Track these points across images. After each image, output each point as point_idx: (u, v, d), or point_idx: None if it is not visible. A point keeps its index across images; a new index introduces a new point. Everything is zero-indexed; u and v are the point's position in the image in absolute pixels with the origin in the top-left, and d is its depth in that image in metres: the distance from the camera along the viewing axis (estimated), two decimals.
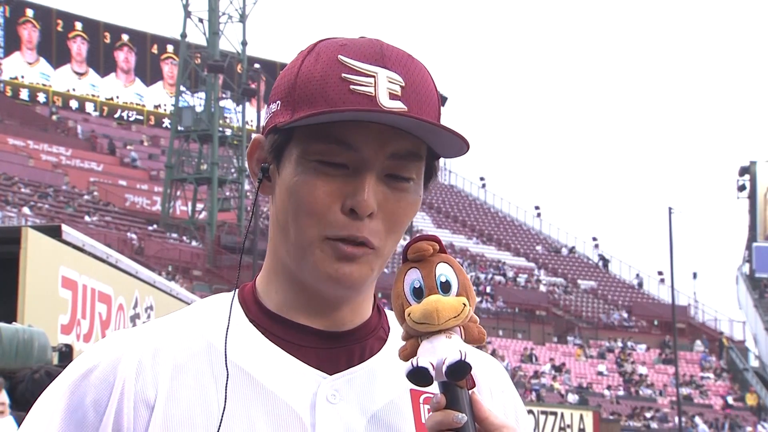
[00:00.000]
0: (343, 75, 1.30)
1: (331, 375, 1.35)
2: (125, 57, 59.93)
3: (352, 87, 1.30)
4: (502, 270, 48.84)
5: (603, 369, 40.82)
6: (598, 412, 30.22)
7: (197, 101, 45.16)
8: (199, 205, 44.98)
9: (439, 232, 51.86)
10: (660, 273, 50.82)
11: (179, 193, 45.07)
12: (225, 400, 1.31)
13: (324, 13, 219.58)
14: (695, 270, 73.06)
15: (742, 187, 51.81)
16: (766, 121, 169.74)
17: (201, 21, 44.57)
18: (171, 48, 58.48)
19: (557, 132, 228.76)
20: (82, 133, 53.57)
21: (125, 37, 60.05)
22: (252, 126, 47.66)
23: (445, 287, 1.27)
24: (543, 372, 38.68)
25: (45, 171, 43.90)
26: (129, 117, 59.75)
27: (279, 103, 1.36)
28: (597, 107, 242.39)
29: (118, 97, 59.61)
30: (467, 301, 1.27)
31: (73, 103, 57.78)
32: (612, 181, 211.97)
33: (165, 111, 58.45)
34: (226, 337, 1.35)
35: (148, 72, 60.26)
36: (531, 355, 40.29)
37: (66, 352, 7.76)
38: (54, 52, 57.04)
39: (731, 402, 39.09)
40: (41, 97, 56.68)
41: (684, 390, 37.38)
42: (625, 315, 47.51)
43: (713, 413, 37.65)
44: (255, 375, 1.34)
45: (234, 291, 1.42)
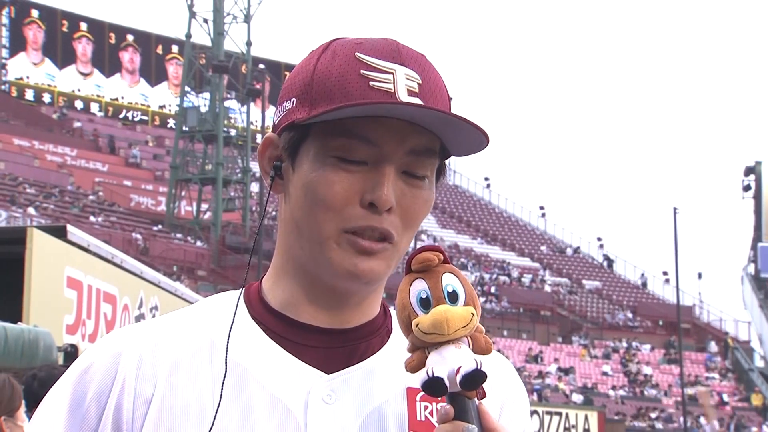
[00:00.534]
0: (362, 72, 1.31)
1: (329, 374, 1.35)
2: (130, 57, 60.00)
3: (371, 83, 1.30)
4: (506, 270, 48.83)
5: (608, 369, 40.81)
6: (602, 412, 30.17)
7: (202, 101, 45.18)
8: (204, 206, 45.02)
9: (444, 232, 51.88)
10: (665, 273, 50.81)
11: (184, 194, 45.09)
12: (221, 395, 1.31)
13: (329, 14, 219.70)
14: (700, 270, 72.69)
15: (747, 187, 51.73)
16: None
17: (206, 21, 44.62)
18: (176, 48, 58.52)
19: (562, 132, 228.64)
20: (84, 133, 53.64)
21: (130, 38, 60.13)
22: (256, 126, 47.63)
23: (453, 297, 1.26)
24: (548, 372, 38.67)
25: (50, 171, 43.97)
26: (134, 117, 59.82)
27: (294, 101, 1.35)
28: (602, 107, 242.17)
29: (123, 98, 59.68)
30: (474, 311, 1.26)
31: (78, 104, 57.86)
32: (617, 181, 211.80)
33: (170, 111, 58.50)
34: (229, 334, 1.35)
35: (152, 72, 60.32)
36: (536, 356, 40.29)
37: (71, 352, 7.77)
38: (59, 52, 57.13)
39: (728, 401, 39.06)
40: (46, 98, 56.76)
41: (690, 390, 37.37)
42: (630, 315, 47.48)
43: (719, 413, 37.60)
44: (254, 373, 1.34)
45: (241, 289, 1.42)
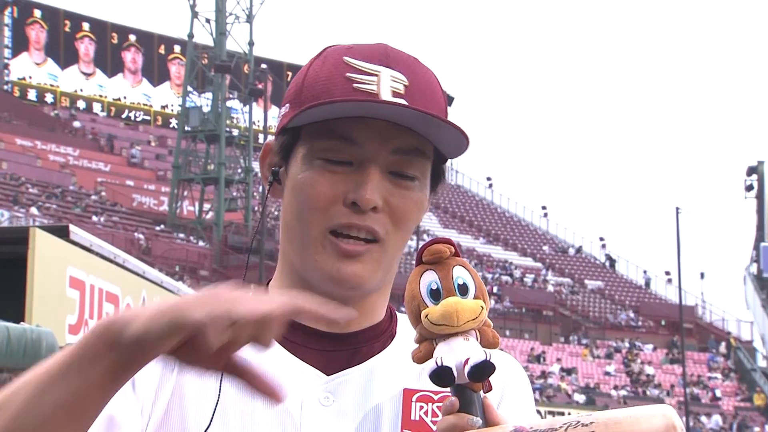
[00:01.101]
0: (348, 74, 1.32)
1: (329, 375, 1.35)
2: (132, 57, 60.02)
3: (355, 85, 1.31)
4: (509, 270, 48.83)
5: (610, 369, 40.79)
6: None
7: (204, 101, 45.20)
8: (206, 205, 45.04)
9: (446, 232, 51.86)
10: (667, 273, 50.76)
11: (186, 194, 45.12)
12: (219, 393, 1.31)
13: (331, 14, 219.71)
14: (703, 270, 72.81)
15: (749, 187, 51.69)
16: None
17: (208, 21, 44.63)
18: (178, 48, 58.52)
19: (564, 132, 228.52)
20: (87, 133, 53.67)
21: (132, 38, 60.15)
22: (259, 126, 47.65)
23: (463, 290, 1.25)
24: (550, 372, 38.66)
25: (53, 171, 44.01)
26: (136, 117, 59.84)
27: (288, 106, 1.38)
28: (604, 107, 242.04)
29: (125, 98, 59.70)
30: (484, 305, 1.26)
31: (81, 104, 57.90)
32: (619, 181, 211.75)
33: (172, 111, 58.51)
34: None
35: (155, 72, 60.34)
36: (538, 356, 40.28)
37: None
38: (61, 52, 57.16)
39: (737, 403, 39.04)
40: (49, 98, 56.80)
41: (694, 390, 37.35)
42: (632, 315, 47.46)
43: (722, 414, 37.58)
44: None
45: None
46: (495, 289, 45.42)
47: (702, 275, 53.87)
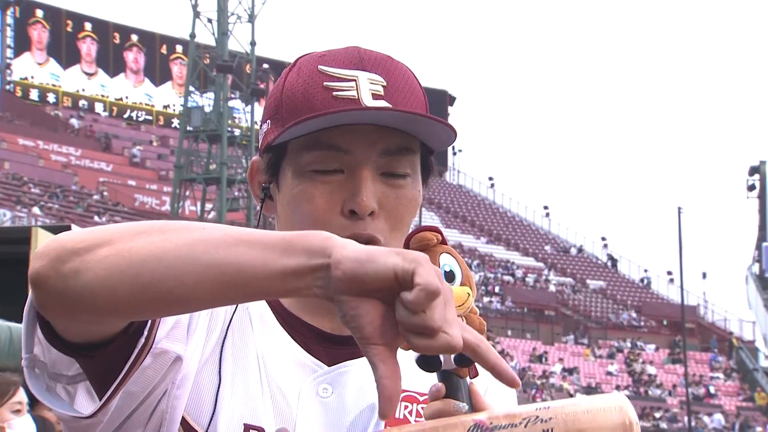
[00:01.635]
0: (325, 83, 1.33)
1: (330, 366, 1.37)
2: (134, 57, 60.06)
3: (335, 93, 1.32)
4: (510, 270, 48.82)
5: (612, 369, 40.76)
6: None
7: (206, 101, 45.20)
8: (208, 205, 45.05)
9: (448, 231, 51.86)
10: (669, 273, 50.77)
11: (188, 193, 45.14)
12: (219, 378, 1.33)
13: (333, 13, 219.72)
14: (704, 270, 72.68)
15: (751, 187, 51.66)
16: None
17: (210, 21, 44.61)
18: (180, 48, 58.56)
19: (566, 132, 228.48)
20: (89, 133, 53.70)
21: (134, 38, 60.19)
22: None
23: (449, 277, 1.26)
24: (552, 372, 38.65)
25: (55, 171, 44.05)
26: (138, 117, 59.89)
27: (269, 123, 1.38)
28: (605, 107, 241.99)
29: (127, 98, 59.75)
30: (471, 291, 1.27)
31: (83, 104, 57.93)
32: (621, 181, 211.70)
33: (174, 111, 58.56)
34: (233, 315, 1.38)
35: (157, 72, 60.38)
36: (540, 356, 40.27)
37: None
38: (63, 52, 57.20)
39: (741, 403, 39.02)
40: (51, 98, 56.83)
41: (698, 390, 37.33)
42: (634, 315, 47.45)
43: (724, 413, 37.57)
44: (267, 360, 1.37)
45: None
46: (497, 289, 45.41)
47: (704, 275, 53.95)
